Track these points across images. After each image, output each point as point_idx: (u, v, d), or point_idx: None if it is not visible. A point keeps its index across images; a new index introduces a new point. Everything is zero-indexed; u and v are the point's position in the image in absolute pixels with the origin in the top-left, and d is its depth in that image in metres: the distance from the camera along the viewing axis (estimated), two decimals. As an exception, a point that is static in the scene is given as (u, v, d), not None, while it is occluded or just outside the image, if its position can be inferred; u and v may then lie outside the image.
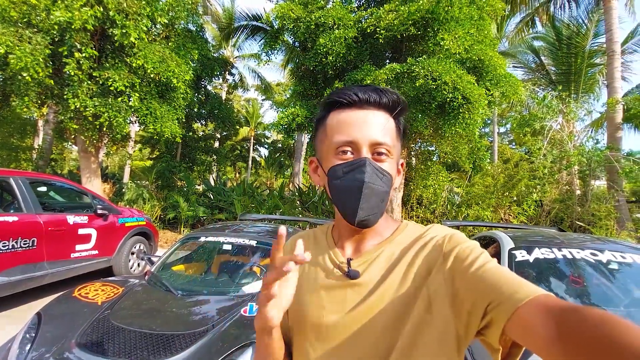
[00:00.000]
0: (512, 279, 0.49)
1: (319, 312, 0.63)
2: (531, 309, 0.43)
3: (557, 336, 0.38)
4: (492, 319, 0.47)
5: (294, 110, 6.86)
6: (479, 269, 0.52)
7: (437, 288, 0.56)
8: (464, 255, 0.55)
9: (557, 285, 2.49)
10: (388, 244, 0.64)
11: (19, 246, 3.36)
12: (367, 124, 0.60)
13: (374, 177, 0.59)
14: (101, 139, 6.93)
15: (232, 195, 9.49)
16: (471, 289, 0.51)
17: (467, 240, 0.59)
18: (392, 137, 0.62)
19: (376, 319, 0.58)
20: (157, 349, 1.88)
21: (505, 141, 27.62)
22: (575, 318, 0.38)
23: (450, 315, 0.54)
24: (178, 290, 2.57)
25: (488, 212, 7.36)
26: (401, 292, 0.58)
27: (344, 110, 0.62)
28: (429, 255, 0.59)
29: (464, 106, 5.24)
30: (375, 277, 0.61)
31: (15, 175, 3.61)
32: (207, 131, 13.84)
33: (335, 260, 0.67)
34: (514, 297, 0.45)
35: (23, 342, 1.91)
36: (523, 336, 0.44)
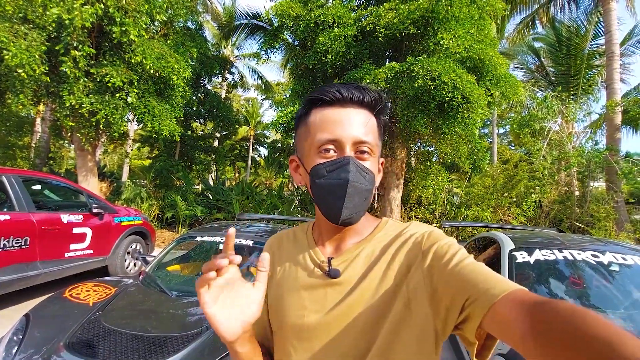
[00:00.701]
0: (489, 275, 0.49)
1: (300, 312, 0.63)
2: (506, 304, 0.44)
3: (531, 329, 0.39)
4: (469, 314, 0.48)
5: (293, 109, 6.81)
6: (456, 265, 0.52)
7: (416, 285, 0.56)
8: (442, 252, 0.55)
9: (558, 287, 2.45)
10: (368, 243, 0.64)
11: (11, 245, 3.30)
12: (350, 122, 0.59)
13: (357, 176, 0.58)
14: (98, 137, 6.86)
15: (231, 195, 9.44)
16: (449, 285, 0.52)
17: (445, 237, 0.60)
18: (374, 135, 0.62)
19: (357, 318, 0.58)
20: (148, 351, 1.82)
21: (504, 142, 27.64)
22: (548, 311, 0.39)
23: (429, 311, 0.54)
24: (172, 291, 2.52)
25: (487, 212, 7.33)
26: (381, 290, 0.58)
27: (327, 108, 0.61)
28: (409, 253, 0.59)
29: (463, 106, 5.20)
30: (355, 276, 0.61)
31: (7, 173, 3.55)
32: (206, 130, 13.79)
33: (315, 259, 0.66)
34: (490, 293, 0.46)
35: (10, 345, 1.86)
36: (499, 330, 0.44)
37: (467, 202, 8.08)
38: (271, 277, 0.71)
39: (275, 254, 0.74)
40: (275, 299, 0.69)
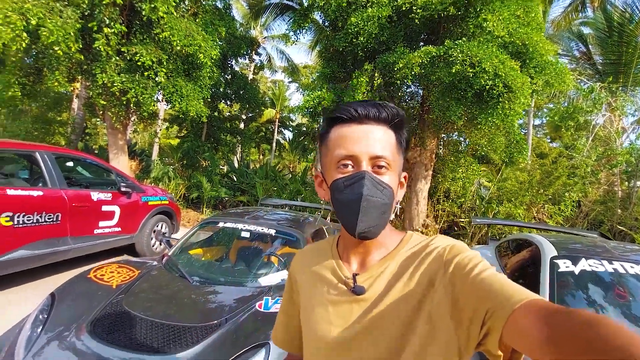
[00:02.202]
0: (507, 286, 0.49)
1: (327, 326, 0.65)
2: (524, 313, 0.44)
3: (549, 338, 0.39)
4: (490, 327, 0.48)
5: (320, 93, 6.60)
6: (477, 276, 0.52)
7: (439, 299, 0.56)
8: (463, 264, 0.56)
9: (607, 306, 2.19)
10: (392, 259, 0.65)
11: (43, 220, 3.41)
12: (367, 138, 0.61)
13: (373, 190, 0.59)
14: (128, 116, 6.99)
15: (255, 178, 9.48)
16: (470, 297, 0.52)
17: (467, 250, 0.60)
18: (392, 150, 0.63)
19: (381, 334, 0.59)
20: (167, 341, 1.80)
21: (540, 134, 26.10)
22: (566, 320, 0.39)
23: (450, 324, 0.54)
24: (194, 277, 2.50)
25: (521, 210, 6.91)
26: (405, 307, 0.59)
27: (345, 125, 0.63)
28: (431, 267, 0.60)
29: (504, 95, 4.80)
30: (380, 293, 0.62)
31: (41, 150, 3.64)
32: (232, 112, 13.84)
33: (340, 275, 0.68)
34: (508, 303, 0.46)
35: (35, 323, 1.89)
36: (517, 340, 0.44)
37: (498, 198, 7.66)
38: (302, 289, 0.76)
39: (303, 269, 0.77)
40: (305, 312, 0.72)
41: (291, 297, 0.80)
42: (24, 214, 3.23)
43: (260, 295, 2.32)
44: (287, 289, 0.82)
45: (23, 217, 3.23)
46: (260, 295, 2.31)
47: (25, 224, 3.25)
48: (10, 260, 3.16)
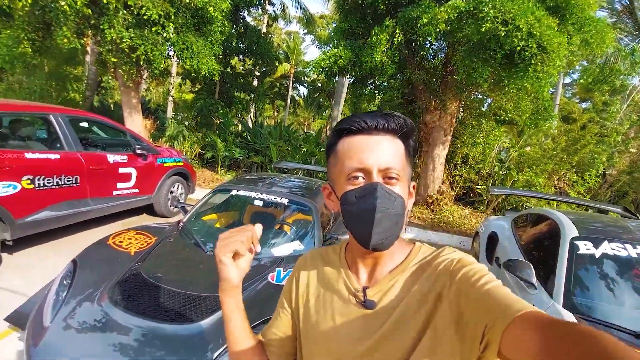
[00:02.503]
0: (507, 298, 0.49)
1: (336, 339, 0.66)
2: (520, 324, 0.44)
3: (544, 350, 0.39)
4: (489, 339, 0.48)
5: (337, 51, 6.22)
6: (480, 289, 0.53)
7: (445, 313, 0.57)
8: (468, 277, 0.56)
9: (627, 292, 2.13)
10: (402, 273, 0.65)
11: (63, 183, 3.49)
12: (377, 149, 0.61)
13: (385, 201, 0.59)
14: (140, 74, 6.84)
15: (269, 139, 9.39)
16: (473, 312, 0.52)
17: (473, 262, 0.60)
18: (401, 161, 0.63)
19: (390, 349, 0.59)
20: (183, 310, 1.87)
21: (568, 94, 24.47)
22: (562, 332, 0.39)
23: (455, 340, 0.55)
24: (208, 246, 2.55)
25: (542, 178, 6.67)
26: (414, 322, 0.59)
27: (354, 136, 0.63)
28: (439, 281, 0.60)
29: (537, 57, 4.39)
30: (389, 307, 0.62)
31: (55, 112, 3.63)
32: (246, 67, 13.39)
33: (350, 286, 0.68)
34: (506, 314, 0.46)
35: (60, 288, 1.99)
36: (513, 351, 0.45)
37: (519, 164, 7.38)
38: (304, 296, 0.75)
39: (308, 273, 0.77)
40: (309, 324, 0.71)
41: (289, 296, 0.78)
42: (43, 176, 3.31)
43: (273, 266, 2.36)
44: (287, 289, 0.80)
45: (43, 179, 3.31)
46: (272, 267, 2.35)
47: (46, 186, 3.34)
48: (36, 220, 3.30)
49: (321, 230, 2.88)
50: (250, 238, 0.67)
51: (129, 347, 1.65)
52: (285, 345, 0.77)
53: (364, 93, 7.35)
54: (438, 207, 6.84)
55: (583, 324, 1.86)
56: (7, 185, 3.01)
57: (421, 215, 6.67)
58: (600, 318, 1.92)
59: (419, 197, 7.23)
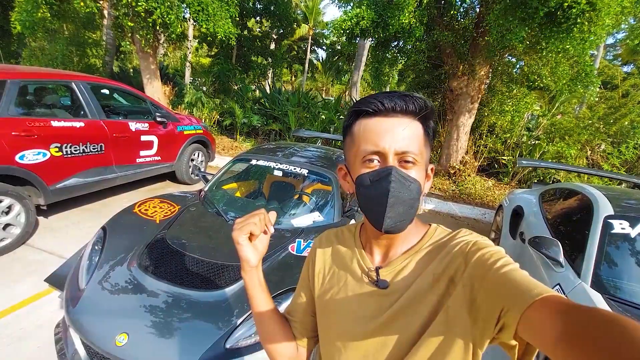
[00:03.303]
0: (525, 281, 0.48)
1: (348, 316, 0.68)
2: (539, 309, 0.43)
3: (563, 334, 0.38)
4: (505, 322, 0.48)
5: (359, 11, 5.83)
6: (495, 273, 0.52)
7: (457, 296, 0.56)
8: (483, 260, 0.55)
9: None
10: (415, 253, 0.65)
11: (89, 150, 3.58)
12: (393, 132, 0.60)
13: (400, 185, 0.59)
14: (157, 38, 6.72)
15: (287, 106, 9.23)
16: (487, 295, 0.52)
17: (490, 245, 0.59)
18: (419, 144, 0.61)
19: (401, 328, 0.61)
20: (208, 278, 1.93)
21: (609, 56, 22.45)
22: (583, 317, 0.38)
23: (468, 322, 0.55)
24: (229, 215, 2.59)
25: (574, 149, 6.30)
26: (426, 302, 0.59)
27: (371, 118, 0.61)
28: (453, 263, 0.59)
29: (584, 15, 3.96)
30: (402, 287, 0.63)
31: (76, 80, 3.64)
32: (263, 29, 12.93)
33: (363, 266, 0.69)
34: (524, 298, 0.45)
35: (92, 254, 2.09)
36: (532, 336, 0.44)
37: (550, 135, 6.97)
38: (320, 274, 0.77)
39: (324, 252, 0.78)
40: (324, 301, 0.73)
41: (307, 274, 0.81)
42: (70, 144, 3.40)
43: (292, 237, 2.38)
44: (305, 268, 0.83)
45: (70, 147, 3.40)
46: (292, 237, 2.37)
47: (73, 154, 3.43)
48: (66, 187, 3.44)
49: (341, 202, 2.86)
50: (263, 220, 0.69)
51: (158, 310, 1.74)
52: (307, 322, 0.80)
53: (387, 57, 6.97)
54: (460, 178, 6.66)
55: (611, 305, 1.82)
56: (37, 153, 3.11)
57: (442, 186, 6.53)
58: (629, 299, 1.85)
59: (440, 168, 7.04)
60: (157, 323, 1.69)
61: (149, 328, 1.66)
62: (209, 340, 1.64)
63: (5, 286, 2.55)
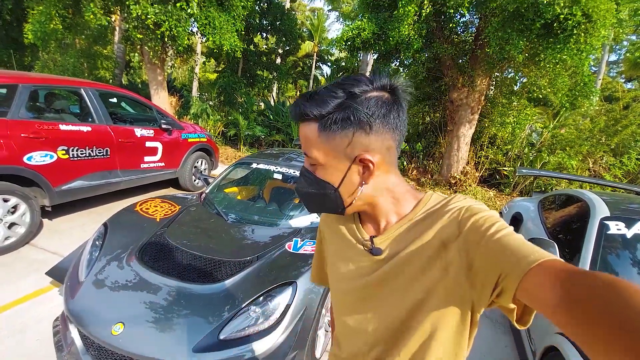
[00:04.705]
0: (522, 246, 0.49)
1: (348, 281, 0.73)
2: (539, 273, 0.43)
3: (563, 299, 0.38)
4: (504, 287, 0.48)
5: (361, 23, 6.02)
6: (490, 238, 0.52)
7: (453, 260, 0.57)
8: (477, 226, 0.55)
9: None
10: (408, 221, 0.66)
11: (95, 154, 3.67)
12: (302, 138, 0.65)
13: (302, 183, 0.69)
14: (165, 51, 6.95)
15: (290, 117, 9.38)
16: (483, 260, 0.52)
17: (484, 210, 0.59)
18: (315, 144, 0.63)
19: (396, 291, 0.64)
20: (204, 272, 1.96)
21: (613, 73, 22.63)
22: (583, 281, 0.38)
23: (466, 286, 0.56)
24: (229, 215, 2.64)
25: (575, 160, 6.30)
26: (418, 265, 0.61)
27: None
28: (446, 228, 0.60)
29: (580, 26, 4.05)
30: (394, 252, 0.65)
31: (85, 86, 3.77)
32: (269, 45, 13.27)
33: (359, 236, 0.72)
34: (523, 263, 0.46)
35: (93, 249, 2.13)
36: (531, 301, 0.44)
37: (551, 146, 6.99)
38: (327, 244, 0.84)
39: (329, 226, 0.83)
40: (330, 264, 0.81)
41: (321, 247, 0.89)
42: (77, 147, 3.49)
43: (290, 236, 2.41)
44: (318, 238, 0.91)
45: (77, 150, 3.49)
46: (290, 236, 2.40)
47: (79, 157, 3.52)
48: (71, 189, 3.51)
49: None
50: None
51: (154, 302, 1.76)
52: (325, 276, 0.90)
53: (388, 70, 7.13)
54: (461, 188, 6.66)
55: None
56: (45, 155, 3.20)
57: (443, 196, 6.52)
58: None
59: (441, 178, 7.06)
60: (152, 314, 1.71)
61: (145, 318, 1.69)
62: (203, 331, 1.66)
63: (9, 282, 2.59)
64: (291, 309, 1.82)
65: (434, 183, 7.05)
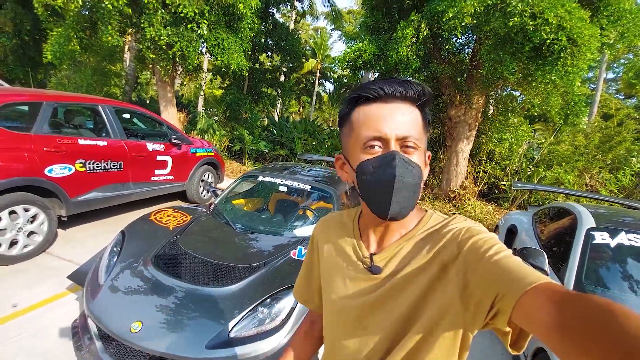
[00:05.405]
0: (519, 269, 0.49)
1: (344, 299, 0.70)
2: (534, 296, 0.43)
3: (558, 322, 0.38)
4: (499, 309, 0.48)
5: (362, 45, 6.33)
6: (489, 260, 0.52)
7: (450, 281, 0.57)
8: (476, 247, 0.55)
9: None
10: (408, 240, 0.66)
11: (109, 167, 3.88)
12: (394, 117, 0.60)
13: (404, 171, 0.58)
14: (175, 69, 7.28)
15: (294, 133, 9.64)
16: (481, 281, 0.52)
17: (483, 232, 0.59)
18: (418, 130, 0.61)
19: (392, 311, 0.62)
20: (215, 277, 2.11)
21: (611, 90, 23.01)
22: (578, 305, 0.38)
23: (460, 308, 0.56)
24: (237, 225, 2.80)
25: (571, 176, 6.47)
26: (416, 286, 0.60)
27: (370, 104, 0.61)
28: (445, 249, 0.60)
29: (566, 50, 4.30)
30: (393, 272, 0.64)
31: (102, 103, 4.01)
32: (273, 63, 13.73)
33: (359, 253, 0.71)
34: (519, 285, 0.46)
35: (111, 255, 2.30)
36: (526, 323, 0.44)
37: (548, 161, 7.17)
38: (322, 256, 0.79)
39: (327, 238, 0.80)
40: (325, 279, 0.78)
41: (312, 258, 0.84)
42: (93, 161, 3.70)
43: (295, 244, 2.56)
44: (309, 249, 0.86)
45: (93, 164, 3.70)
46: (294, 245, 2.55)
47: (95, 170, 3.73)
48: (87, 200, 3.70)
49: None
50: None
51: (170, 303, 1.91)
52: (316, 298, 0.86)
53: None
54: (460, 202, 6.81)
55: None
56: (64, 168, 3.40)
57: (442, 210, 6.67)
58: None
59: (440, 192, 7.21)
60: (168, 313, 1.86)
61: (162, 318, 1.84)
62: (215, 329, 1.80)
63: (27, 287, 2.74)
64: (295, 311, 1.96)
65: (433, 197, 7.20)
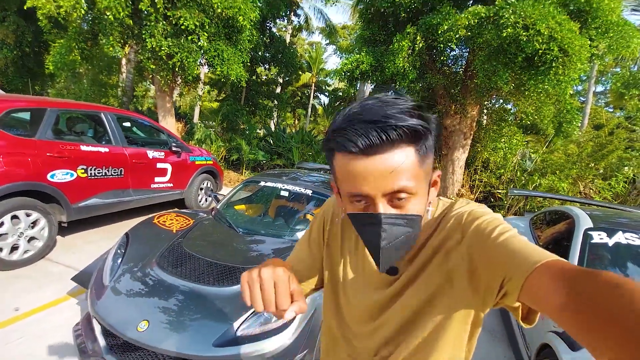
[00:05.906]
0: (526, 248, 0.48)
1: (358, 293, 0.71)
2: (542, 274, 0.42)
3: (568, 300, 0.38)
4: (508, 289, 0.48)
5: (359, 57, 6.48)
6: (494, 242, 0.51)
7: (457, 267, 0.57)
8: (479, 230, 0.55)
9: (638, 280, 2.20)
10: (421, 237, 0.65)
11: (110, 174, 3.88)
12: (377, 174, 0.50)
13: (392, 229, 0.54)
14: (174, 80, 7.38)
15: (291, 142, 9.73)
16: (487, 264, 0.52)
17: (486, 213, 0.58)
18: (411, 172, 0.52)
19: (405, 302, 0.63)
20: (219, 277, 2.12)
21: (601, 102, 23.64)
22: (587, 282, 0.37)
23: (469, 292, 0.56)
24: (239, 228, 2.81)
25: (565, 184, 6.59)
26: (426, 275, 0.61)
27: (348, 157, 0.52)
28: (450, 236, 0.60)
29: (558, 60, 4.46)
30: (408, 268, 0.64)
31: (105, 111, 4.05)
32: (270, 75, 13.94)
33: None
34: (526, 264, 0.45)
35: (115, 256, 2.29)
36: (535, 302, 0.44)
37: (542, 170, 7.31)
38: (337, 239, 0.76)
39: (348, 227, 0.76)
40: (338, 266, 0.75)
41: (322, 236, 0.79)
42: (94, 167, 3.71)
43: (297, 246, 2.58)
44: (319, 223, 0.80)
45: (94, 170, 3.71)
46: (296, 247, 2.57)
47: (96, 176, 3.73)
48: (87, 206, 3.69)
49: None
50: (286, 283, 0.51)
51: (176, 302, 1.91)
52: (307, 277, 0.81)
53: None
54: (458, 210, 6.87)
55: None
56: (66, 173, 3.41)
57: (440, 218, 6.72)
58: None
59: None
60: (175, 313, 1.86)
61: (168, 317, 1.83)
62: (222, 328, 1.80)
63: (28, 292, 2.71)
64: (301, 310, 1.97)
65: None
